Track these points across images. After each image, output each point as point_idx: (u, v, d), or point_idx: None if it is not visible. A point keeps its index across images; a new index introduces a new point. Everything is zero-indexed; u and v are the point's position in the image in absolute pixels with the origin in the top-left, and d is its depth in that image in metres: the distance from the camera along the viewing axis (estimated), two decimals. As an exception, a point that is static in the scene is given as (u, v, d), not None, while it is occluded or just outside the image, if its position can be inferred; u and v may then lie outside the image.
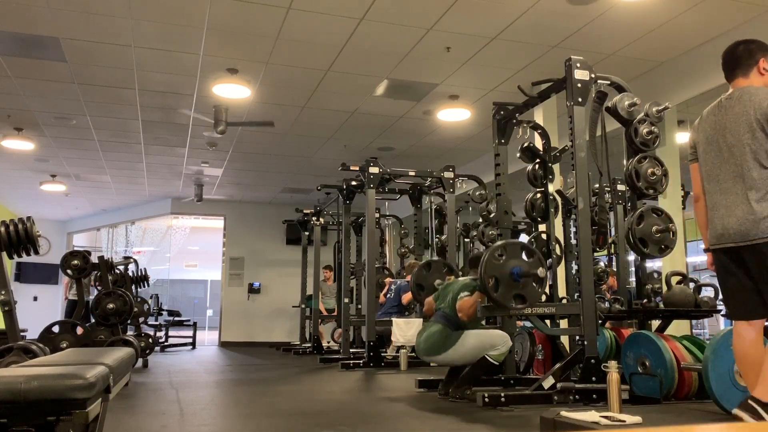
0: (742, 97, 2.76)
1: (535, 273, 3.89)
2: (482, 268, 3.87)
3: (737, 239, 2.73)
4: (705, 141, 2.90)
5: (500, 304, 3.92)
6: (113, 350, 2.67)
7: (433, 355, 4.30)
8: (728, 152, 2.78)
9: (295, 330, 12.10)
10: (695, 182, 3.02)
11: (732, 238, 2.75)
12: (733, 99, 2.80)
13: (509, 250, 3.96)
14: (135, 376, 5.84)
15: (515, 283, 3.89)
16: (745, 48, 2.85)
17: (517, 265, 3.91)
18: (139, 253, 14.99)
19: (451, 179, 7.36)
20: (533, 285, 3.92)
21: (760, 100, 2.70)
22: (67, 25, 5.43)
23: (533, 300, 3.96)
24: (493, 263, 3.90)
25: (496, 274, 3.88)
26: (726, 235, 2.78)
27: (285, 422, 3.51)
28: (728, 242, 2.78)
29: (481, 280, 3.89)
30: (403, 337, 6.76)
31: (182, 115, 7.68)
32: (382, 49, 5.91)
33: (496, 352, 4.23)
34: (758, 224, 2.65)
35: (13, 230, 4.51)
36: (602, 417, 2.94)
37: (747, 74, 2.83)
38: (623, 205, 5.16)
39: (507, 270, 3.89)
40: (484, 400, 3.83)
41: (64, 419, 1.75)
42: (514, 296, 3.91)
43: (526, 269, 3.89)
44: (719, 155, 2.83)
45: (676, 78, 6.04)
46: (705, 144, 2.90)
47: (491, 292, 3.85)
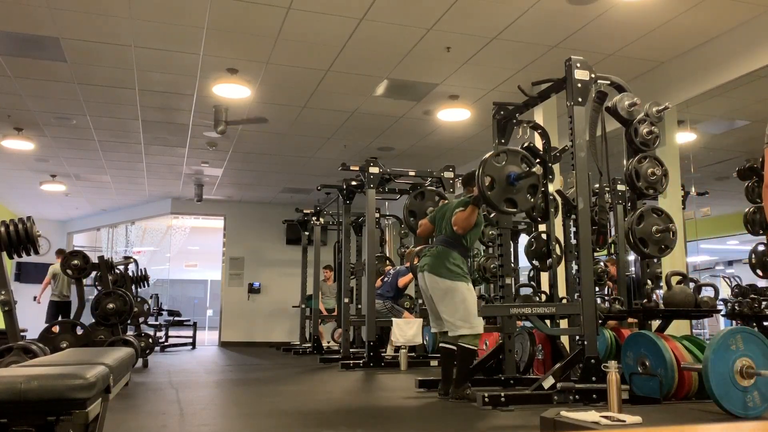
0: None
1: (531, 176, 4.00)
2: (481, 167, 3.98)
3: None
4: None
5: (491, 204, 4.02)
6: (113, 350, 2.67)
7: (432, 272, 4.34)
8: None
9: (295, 330, 12.10)
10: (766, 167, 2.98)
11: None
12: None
13: (510, 156, 4.08)
14: (135, 376, 5.84)
15: (510, 187, 4.01)
16: None
17: (515, 170, 4.02)
18: (139, 253, 14.98)
19: (451, 179, 7.36)
20: (526, 193, 4.04)
21: None
22: (67, 25, 5.43)
23: (524, 206, 4.10)
24: (493, 164, 4.02)
25: (493, 175, 4.00)
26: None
27: (285, 422, 3.52)
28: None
29: (478, 179, 3.97)
30: (403, 337, 6.77)
31: (182, 114, 7.68)
32: (382, 49, 5.91)
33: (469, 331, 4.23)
34: None
35: (13, 230, 4.52)
36: (602, 417, 2.94)
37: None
38: (623, 205, 5.16)
39: (504, 172, 4.01)
40: (484, 400, 3.83)
41: (64, 419, 1.75)
42: (507, 199, 4.03)
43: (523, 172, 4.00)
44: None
45: (676, 78, 6.04)
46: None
47: (485, 191, 3.95)
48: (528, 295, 5.38)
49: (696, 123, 7.45)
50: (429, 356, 7.34)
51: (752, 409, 3.44)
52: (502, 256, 5.01)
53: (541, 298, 5.42)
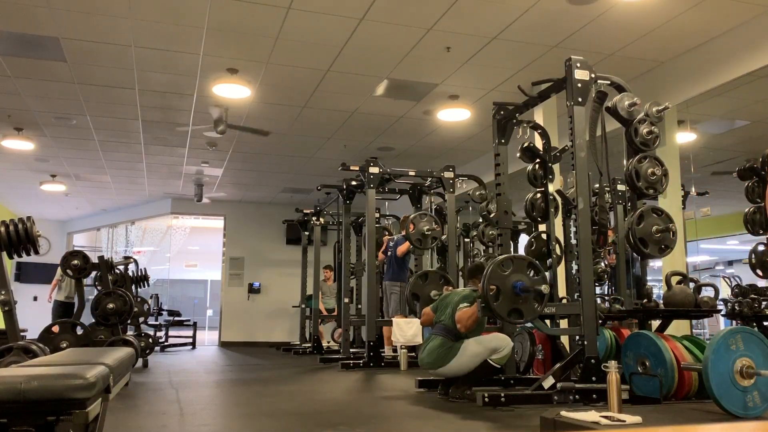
0: None
1: (538, 290, 3.89)
2: (486, 277, 3.88)
3: None
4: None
5: (498, 316, 3.93)
6: (113, 350, 2.67)
7: (437, 368, 4.30)
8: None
9: (295, 330, 12.11)
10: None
11: None
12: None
13: (515, 264, 3.97)
14: (135, 376, 5.84)
15: (516, 297, 3.89)
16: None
17: (521, 279, 3.91)
18: (139, 253, 14.98)
19: (451, 179, 7.36)
20: (533, 301, 3.93)
21: None
22: (67, 25, 5.43)
23: (530, 316, 3.95)
24: (498, 273, 3.90)
25: (499, 285, 3.89)
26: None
27: (285, 422, 3.51)
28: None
29: (483, 288, 3.90)
30: (403, 337, 6.77)
31: (182, 114, 7.68)
32: (382, 49, 5.91)
33: (497, 356, 4.23)
34: None
35: (13, 230, 4.51)
36: (602, 417, 2.94)
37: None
38: (623, 205, 5.16)
39: (510, 283, 3.90)
40: (484, 400, 3.83)
41: (64, 419, 1.75)
42: (512, 310, 3.91)
43: (530, 284, 3.89)
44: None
45: (676, 78, 6.04)
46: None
47: (491, 302, 3.86)
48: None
49: (696, 123, 7.45)
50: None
51: (752, 409, 3.44)
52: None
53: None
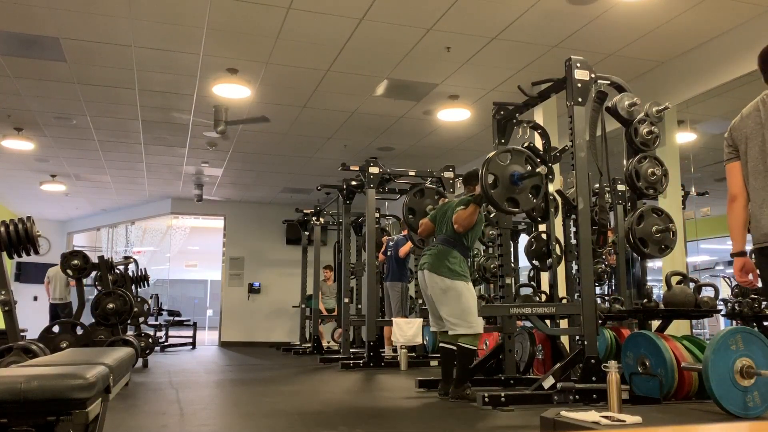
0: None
1: (535, 177, 3.99)
2: (485, 165, 3.97)
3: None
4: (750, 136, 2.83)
5: (493, 203, 4.02)
6: (113, 350, 2.67)
7: (434, 272, 4.33)
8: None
9: (295, 330, 12.11)
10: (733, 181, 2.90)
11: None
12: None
13: (514, 156, 4.07)
14: (135, 376, 5.84)
15: (513, 186, 4.00)
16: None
17: (518, 170, 4.01)
18: (139, 253, 14.98)
19: (451, 179, 7.36)
20: (529, 194, 4.03)
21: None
22: (67, 25, 5.43)
23: (526, 206, 4.08)
24: (497, 163, 4.00)
25: (497, 174, 3.99)
26: None
27: (285, 422, 3.51)
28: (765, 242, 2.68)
29: (481, 176, 3.97)
30: (403, 337, 6.77)
31: (181, 116, 7.68)
32: (382, 49, 5.91)
33: (469, 330, 4.23)
34: None
35: (13, 230, 4.51)
36: (602, 417, 2.94)
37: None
38: (623, 205, 5.16)
39: (508, 171, 4.00)
40: (484, 400, 3.83)
41: (64, 419, 1.74)
42: (509, 199, 4.02)
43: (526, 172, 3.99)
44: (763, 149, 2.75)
45: (676, 78, 6.04)
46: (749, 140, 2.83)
47: (488, 190, 3.94)
48: (528, 295, 5.38)
49: (696, 123, 7.45)
50: (429, 356, 7.34)
51: (752, 409, 3.44)
52: (502, 256, 5.02)
53: (541, 298, 5.42)
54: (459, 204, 4.42)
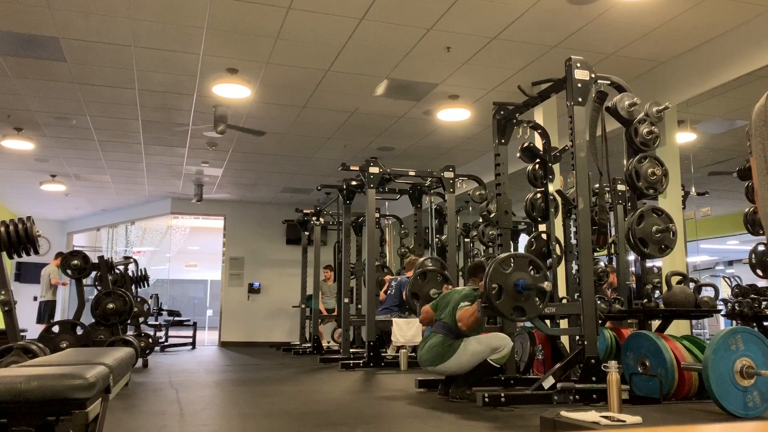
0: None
1: (540, 287, 3.89)
2: (488, 275, 3.89)
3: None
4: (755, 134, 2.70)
5: (500, 314, 3.94)
6: (113, 350, 2.67)
7: (435, 366, 4.29)
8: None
9: (295, 330, 12.11)
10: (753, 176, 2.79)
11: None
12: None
13: (517, 262, 3.97)
14: (135, 376, 5.84)
15: (518, 295, 3.90)
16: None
17: (523, 277, 3.91)
18: (139, 253, 14.98)
19: (451, 179, 7.36)
20: (535, 299, 3.93)
21: None
22: (67, 25, 5.43)
23: (532, 314, 3.95)
24: (500, 272, 3.91)
25: (501, 283, 3.89)
26: None
27: (285, 422, 3.51)
28: None
29: (485, 287, 3.90)
30: (403, 337, 6.77)
31: (181, 115, 7.69)
32: (382, 49, 5.91)
33: (497, 355, 4.23)
34: None
35: (13, 230, 4.51)
36: (602, 417, 2.94)
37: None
38: (623, 205, 5.16)
39: (512, 281, 3.91)
40: (484, 400, 3.83)
41: (64, 419, 1.75)
42: (515, 308, 3.92)
43: (531, 282, 3.89)
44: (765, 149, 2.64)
45: (676, 78, 6.04)
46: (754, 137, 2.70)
47: (493, 301, 3.86)
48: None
49: (696, 123, 7.45)
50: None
51: (752, 409, 3.44)
52: (502, 256, 5.00)
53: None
54: (464, 298, 4.32)
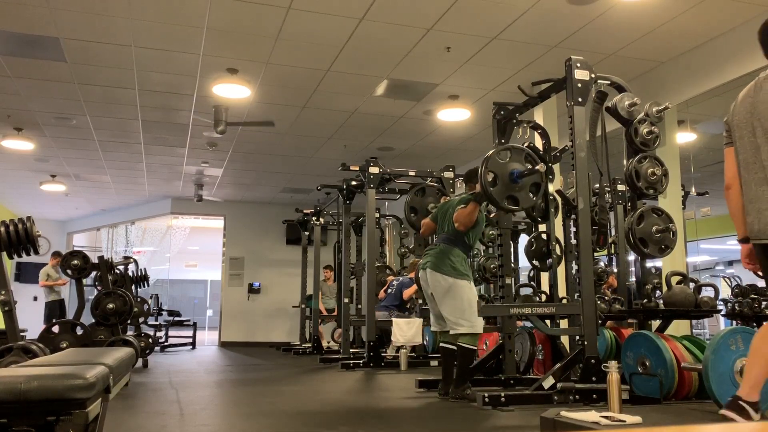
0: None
1: (534, 174, 3.99)
2: (485, 163, 3.97)
3: None
4: (739, 125, 2.67)
5: (493, 200, 4.02)
6: (113, 350, 2.67)
7: (436, 270, 4.33)
8: (764, 137, 2.54)
9: (295, 330, 12.11)
10: (728, 167, 2.76)
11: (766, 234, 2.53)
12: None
13: (514, 154, 4.07)
14: (135, 376, 5.84)
15: (512, 184, 3.99)
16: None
17: (518, 168, 4.01)
18: (139, 253, 14.99)
19: (451, 179, 7.35)
20: (529, 192, 4.03)
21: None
22: (67, 25, 5.43)
23: (525, 203, 4.07)
24: (496, 161, 4.00)
25: (497, 172, 3.98)
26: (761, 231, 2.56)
27: (285, 422, 3.51)
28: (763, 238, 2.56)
29: (481, 174, 3.96)
30: (403, 337, 6.77)
31: (182, 114, 7.68)
32: (382, 49, 5.91)
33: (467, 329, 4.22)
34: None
35: (13, 230, 4.52)
36: (602, 417, 2.94)
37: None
38: (623, 205, 5.16)
39: (508, 169, 4.00)
40: (484, 400, 3.83)
41: (64, 419, 1.75)
42: (509, 197, 4.01)
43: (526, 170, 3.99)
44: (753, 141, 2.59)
45: (676, 78, 6.04)
46: (739, 129, 2.66)
47: (488, 188, 3.94)
48: (528, 295, 5.38)
49: (696, 123, 7.45)
50: (429, 356, 7.34)
51: (752, 409, 3.43)
52: (502, 256, 5.02)
53: (541, 298, 5.42)
54: (460, 202, 4.42)
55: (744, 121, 2.67)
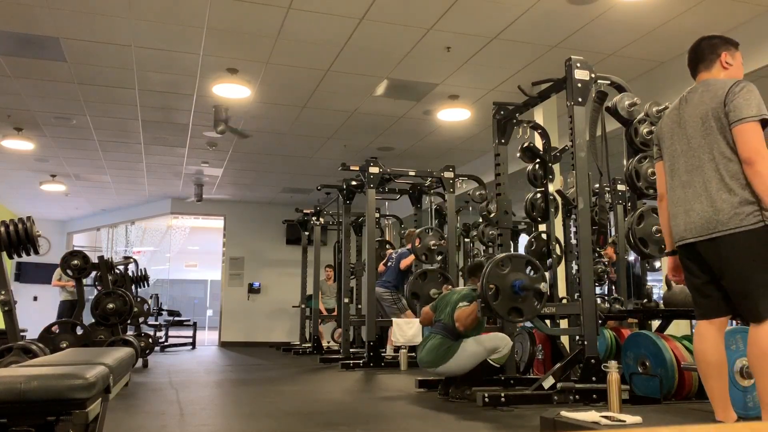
0: (704, 89, 2.72)
1: (537, 288, 3.88)
2: (484, 276, 3.87)
3: (695, 234, 2.65)
4: (668, 136, 2.86)
5: (497, 315, 3.93)
6: (113, 350, 2.67)
7: (435, 367, 4.29)
8: (687, 145, 2.73)
9: (295, 330, 12.10)
10: (659, 181, 2.96)
11: (691, 233, 2.67)
12: (695, 92, 2.76)
13: (514, 263, 3.96)
14: (135, 376, 5.84)
15: (515, 296, 3.89)
16: (708, 43, 2.82)
17: (520, 278, 3.90)
18: (139, 253, 14.98)
19: (451, 179, 7.35)
20: (533, 300, 3.93)
21: (716, 90, 2.65)
22: (67, 25, 5.43)
23: (530, 315, 3.94)
24: (497, 273, 3.90)
25: (498, 284, 3.88)
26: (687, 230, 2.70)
27: (285, 422, 3.51)
28: (688, 237, 2.70)
29: (482, 288, 3.89)
30: (403, 337, 6.77)
31: (182, 114, 7.69)
32: (382, 49, 5.91)
33: (497, 355, 4.23)
34: (717, 216, 2.58)
35: (13, 230, 4.51)
36: (602, 417, 2.94)
37: (710, 69, 2.79)
38: (623, 205, 5.16)
39: (509, 281, 3.89)
40: (484, 400, 3.83)
41: (64, 419, 1.75)
42: (512, 308, 3.91)
43: (529, 283, 3.88)
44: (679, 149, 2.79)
45: (676, 78, 6.04)
46: (668, 139, 2.86)
47: (490, 302, 3.85)
48: (528, 295, 5.37)
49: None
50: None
51: (752, 409, 3.43)
52: (502, 256, 5.00)
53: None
54: (462, 299, 4.31)
55: (670, 131, 2.86)
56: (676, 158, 2.81)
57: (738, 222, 2.54)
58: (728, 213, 2.55)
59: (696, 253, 2.70)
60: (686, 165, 2.73)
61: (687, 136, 2.74)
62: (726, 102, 2.60)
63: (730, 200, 2.56)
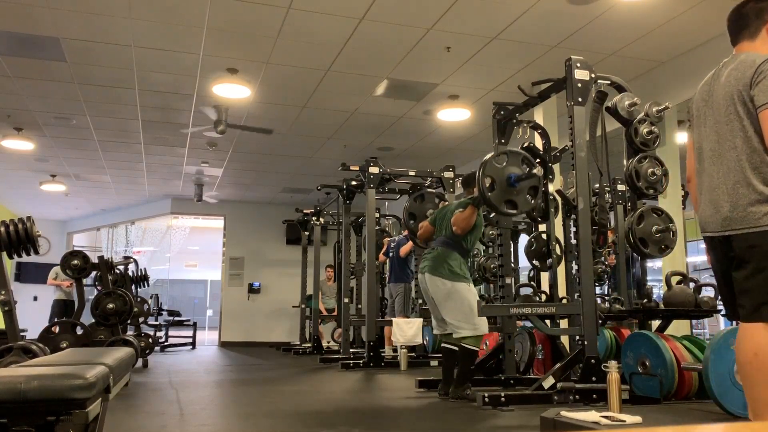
0: (735, 65, 2.33)
1: (532, 178, 3.99)
2: (482, 168, 3.97)
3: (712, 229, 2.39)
4: (696, 115, 2.53)
5: (491, 205, 4.02)
6: (113, 350, 2.67)
7: (435, 274, 4.33)
8: (712, 129, 2.41)
9: (295, 330, 12.11)
10: (689, 161, 2.62)
11: (709, 226, 2.40)
12: (727, 66, 2.37)
13: (511, 157, 4.06)
14: (135, 376, 5.84)
15: (510, 188, 3.99)
16: (754, 6, 2.35)
17: (515, 172, 4.01)
18: (139, 253, 14.99)
19: (451, 179, 7.35)
20: (527, 195, 4.03)
21: (745, 68, 2.26)
22: (67, 25, 5.43)
23: (524, 207, 4.08)
24: (493, 165, 4.01)
25: (494, 176, 3.99)
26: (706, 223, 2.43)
27: (285, 422, 3.51)
28: (707, 231, 2.42)
29: (478, 180, 3.97)
30: (403, 337, 6.77)
31: (182, 115, 7.69)
32: (382, 49, 5.91)
33: (470, 332, 4.22)
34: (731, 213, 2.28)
35: (13, 230, 4.51)
36: (602, 417, 2.94)
37: (754, 37, 2.34)
38: (623, 205, 5.16)
39: (505, 174, 4.00)
40: (484, 400, 3.83)
41: (64, 419, 1.74)
42: (507, 201, 4.01)
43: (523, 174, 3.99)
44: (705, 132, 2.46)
45: (676, 78, 6.04)
46: (696, 118, 2.53)
47: (486, 192, 3.94)
48: (528, 295, 5.38)
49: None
50: (429, 356, 7.34)
51: (752, 409, 3.43)
52: (502, 256, 5.02)
53: (541, 298, 5.42)
54: (458, 206, 4.42)
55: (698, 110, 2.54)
56: (702, 141, 2.48)
57: (754, 222, 2.23)
58: (742, 211, 2.25)
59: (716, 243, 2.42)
60: (710, 151, 2.42)
61: (713, 119, 2.41)
62: (752, 83, 2.21)
63: (748, 196, 2.25)
